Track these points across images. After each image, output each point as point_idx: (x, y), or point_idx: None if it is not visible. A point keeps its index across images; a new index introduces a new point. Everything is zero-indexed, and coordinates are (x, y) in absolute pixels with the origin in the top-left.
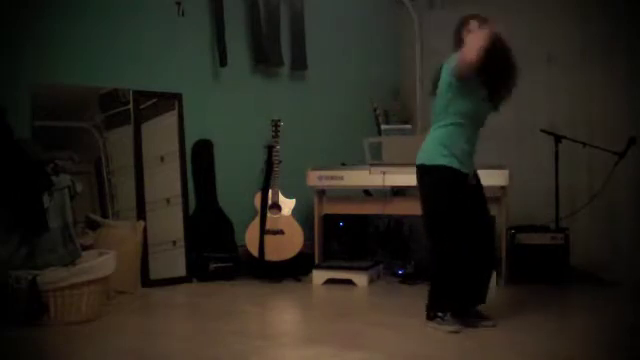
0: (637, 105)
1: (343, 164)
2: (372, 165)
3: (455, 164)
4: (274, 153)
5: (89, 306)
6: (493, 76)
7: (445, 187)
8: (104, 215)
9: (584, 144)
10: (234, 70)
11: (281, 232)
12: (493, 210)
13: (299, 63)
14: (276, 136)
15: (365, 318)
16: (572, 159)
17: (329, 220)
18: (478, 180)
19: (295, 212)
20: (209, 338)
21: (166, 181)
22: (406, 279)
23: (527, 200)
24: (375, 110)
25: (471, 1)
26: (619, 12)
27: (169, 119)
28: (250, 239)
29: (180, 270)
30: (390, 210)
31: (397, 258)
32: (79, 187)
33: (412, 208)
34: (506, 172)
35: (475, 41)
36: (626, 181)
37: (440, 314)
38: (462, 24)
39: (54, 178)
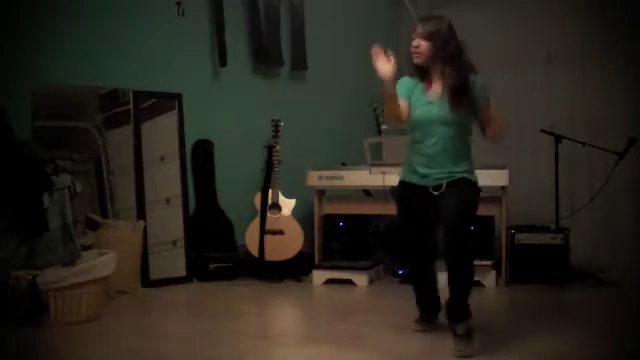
0: (637, 105)
1: (343, 164)
2: (372, 165)
3: (404, 176)
4: (274, 153)
5: (89, 306)
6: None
7: (397, 203)
8: (104, 215)
9: (584, 144)
10: (234, 70)
11: (281, 232)
12: (493, 210)
13: (299, 63)
14: (276, 136)
15: (365, 318)
16: (572, 159)
17: (329, 220)
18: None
19: (295, 212)
20: (209, 338)
21: (166, 181)
22: (406, 279)
23: (527, 200)
24: (375, 110)
25: (471, 1)
26: (619, 12)
27: (169, 119)
28: (250, 239)
29: (180, 270)
30: (390, 210)
31: (397, 258)
32: (79, 187)
33: None
34: (506, 172)
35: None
36: (626, 181)
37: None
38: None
39: (54, 178)
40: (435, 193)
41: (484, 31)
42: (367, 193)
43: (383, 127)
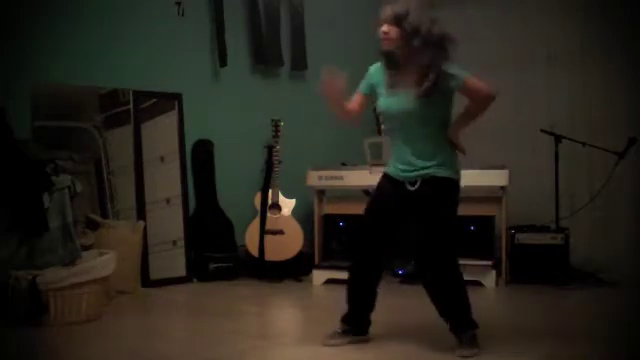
0: (637, 105)
1: (343, 164)
2: (372, 165)
3: (387, 169)
4: (274, 153)
5: (89, 306)
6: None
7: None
8: (104, 215)
9: (584, 144)
10: (234, 70)
11: (281, 232)
12: (493, 210)
13: (299, 63)
14: (276, 136)
15: None
16: (572, 159)
17: (329, 220)
18: (428, 196)
19: (295, 212)
20: (209, 338)
21: (166, 181)
22: (406, 279)
23: (527, 200)
24: (375, 110)
25: (471, 1)
26: (619, 12)
27: (169, 119)
28: (250, 239)
29: (180, 270)
30: None
31: (397, 258)
32: (79, 187)
33: None
34: (506, 172)
35: None
36: (626, 181)
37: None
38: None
39: (54, 178)
40: (411, 188)
41: (484, 31)
42: (367, 193)
43: (383, 127)
